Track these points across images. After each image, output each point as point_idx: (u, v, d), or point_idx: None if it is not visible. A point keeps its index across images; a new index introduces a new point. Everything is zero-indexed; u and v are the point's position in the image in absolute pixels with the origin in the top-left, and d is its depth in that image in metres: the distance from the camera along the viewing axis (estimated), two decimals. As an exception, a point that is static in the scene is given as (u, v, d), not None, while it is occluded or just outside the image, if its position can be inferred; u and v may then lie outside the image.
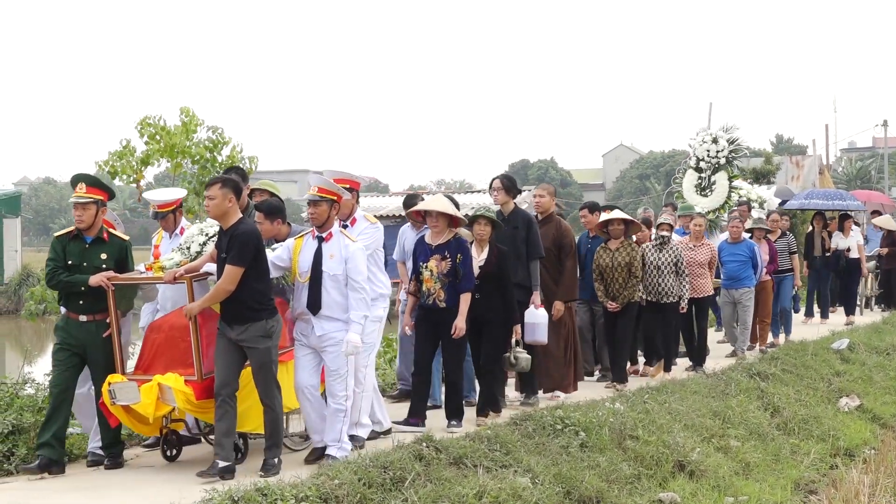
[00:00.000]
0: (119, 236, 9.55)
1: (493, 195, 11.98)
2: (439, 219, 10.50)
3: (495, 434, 9.76)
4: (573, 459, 9.78)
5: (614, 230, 13.07)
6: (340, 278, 9.08)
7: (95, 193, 9.15)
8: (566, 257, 12.22)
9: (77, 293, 9.09)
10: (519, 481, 8.88)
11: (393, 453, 8.74)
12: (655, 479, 10.30)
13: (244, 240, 8.63)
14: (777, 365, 15.54)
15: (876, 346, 18.95)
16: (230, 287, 8.63)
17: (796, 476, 11.61)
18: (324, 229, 9.18)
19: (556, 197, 13.05)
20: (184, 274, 9.08)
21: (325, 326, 9.12)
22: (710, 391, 13.43)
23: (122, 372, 9.11)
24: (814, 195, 25.49)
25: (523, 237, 11.56)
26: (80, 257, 9.12)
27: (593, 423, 10.57)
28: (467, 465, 8.97)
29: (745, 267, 15.67)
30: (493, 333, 10.89)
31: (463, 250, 10.47)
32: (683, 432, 11.49)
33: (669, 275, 13.61)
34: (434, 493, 8.27)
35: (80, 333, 9.13)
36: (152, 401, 8.68)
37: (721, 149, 21.19)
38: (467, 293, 10.42)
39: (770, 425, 13.18)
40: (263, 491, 7.47)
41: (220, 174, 10.76)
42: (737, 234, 15.84)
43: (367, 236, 10.03)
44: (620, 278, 12.88)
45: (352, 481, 7.95)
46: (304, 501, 7.46)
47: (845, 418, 14.44)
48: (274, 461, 8.78)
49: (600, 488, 9.39)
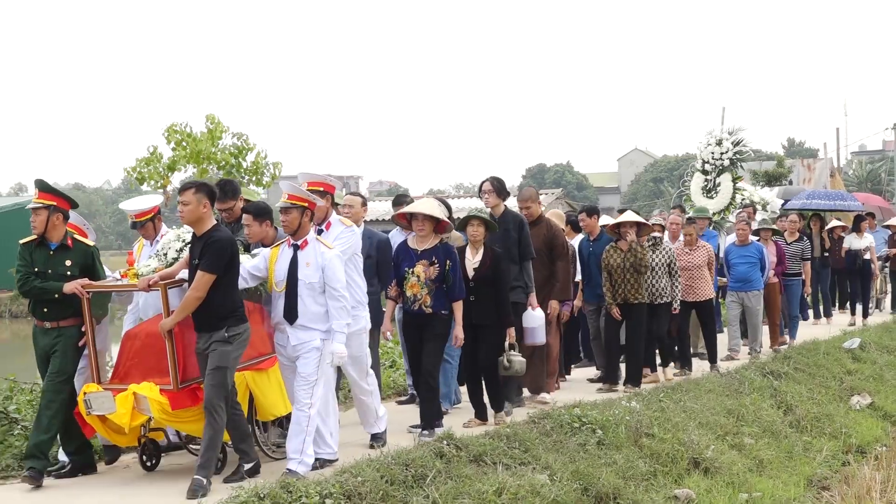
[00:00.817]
0: (84, 242, 9.22)
1: (484, 198, 11.48)
2: (425, 222, 10.04)
3: (514, 432, 9.75)
4: (590, 457, 9.77)
5: (625, 232, 12.86)
6: (317, 286, 8.67)
7: (47, 199, 8.85)
8: (557, 258, 11.87)
9: (42, 300, 8.86)
10: (537, 478, 8.88)
11: (414, 451, 8.76)
12: (671, 476, 10.29)
13: (219, 247, 8.26)
14: (790, 364, 15.46)
15: (886, 345, 18.86)
16: (201, 294, 8.24)
17: (809, 473, 11.58)
18: (298, 237, 8.78)
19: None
20: (158, 281, 8.64)
21: (300, 336, 8.74)
22: (724, 390, 13.38)
23: (97, 381, 8.80)
24: (815, 195, 25.30)
25: (515, 239, 11.15)
26: (45, 264, 8.85)
27: (610, 422, 10.56)
28: (487, 463, 8.96)
29: (755, 269, 15.43)
30: (490, 337, 10.54)
31: (451, 257, 10.02)
32: (698, 430, 11.46)
33: (663, 275, 13.36)
34: (455, 489, 8.27)
35: (45, 340, 8.89)
36: (128, 410, 8.33)
37: (725, 150, 21.15)
38: (459, 301, 10.05)
39: (783, 423, 13.14)
40: (289, 488, 7.45)
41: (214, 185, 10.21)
42: (744, 236, 15.62)
43: (343, 240, 9.45)
44: (632, 279, 12.69)
45: (374, 478, 7.96)
46: (328, 498, 7.45)
47: (857, 416, 14.38)
48: (202, 482, 8.14)
49: (617, 485, 9.37)
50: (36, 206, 8.81)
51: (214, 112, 19.86)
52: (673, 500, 9.75)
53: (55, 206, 8.83)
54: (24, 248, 8.89)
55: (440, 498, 8.06)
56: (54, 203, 8.84)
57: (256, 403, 8.99)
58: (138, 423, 8.50)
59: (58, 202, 8.88)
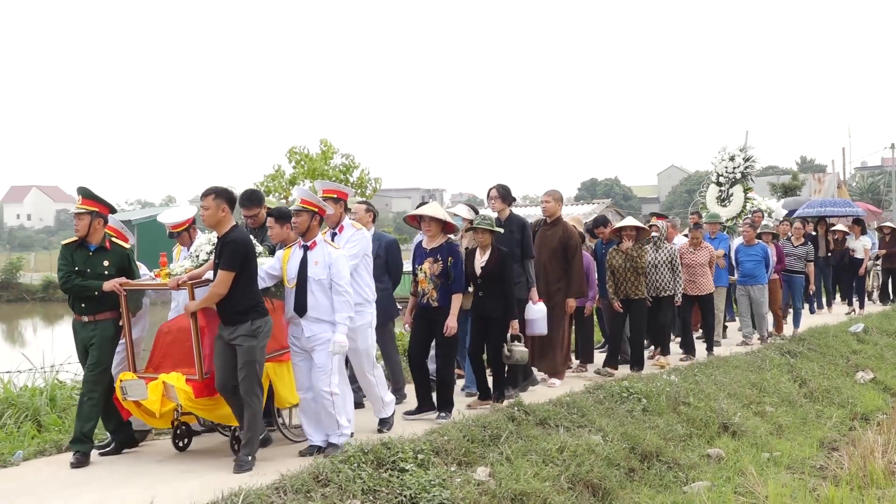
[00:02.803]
0: (121, 245, 8.52)
1: (491, 203, 10.81)
2: (431, 224, 9.40)
3: (573, 400, 9.74)
4: (636, 421, 9.75)
5: (627, 235, 12.28)
6: (325, 283, 8.02)
7: (90, 205, 8.16)
8: (572, 257, 11.14)
9: (80, 297, 8.19)
10: (592, 439, 8.88)
11: (490, 415, 8.78)
12: (704, 437, 10.25)
13: (234, 247, 7.63)
14: (804, 345, 15.32)
15: (886, 329, 18.57)
16: (222, 290, 7.64)
17: (821, 436, 11.45)
18: (307, 238, 8.14)
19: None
20: (186, 280, 8.07)
21: (312, 328, 8.05)
22: (748, 366, 13.28)
23: (133, 370, 8.20)
24: (825, 203, 24.75)
25: (518, 240, 10.47)
26: (85, 264, 8.17)
27: (653, 392, 10.53)
28: (550, 426, 8.96)
29: (759, 266, 15.03)
30: (496, 329, 9.80)
31: (454, 254, 9.38)
32: (727, 400, 11.42)
33: (666, 272, 12.70)
34: (524, 447, 8.30)
35: (84, 333, 8.19)
36: (158, 397, 7.83)
37: (737, 165, 20.76)
38: (458, 294, 9.33)
39: (798, 394, 13.04)
40: (388, 445, 7.42)
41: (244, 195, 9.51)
42: (749, 237, 15.23)
43: (353, 243, 8.83)
44: (632, 277, 12.11)
45: (458, 437, 7.99)
46: (420, 453, 7.42)
47: (861, 389, 14.18)
48: (247, 458, 7.64)
49: (659, 445, 9.36)
50: (80, 211, 8.17)
51: (327, 136, 20.20)
52: (706, 458, 9.70)
53: (97, 211, 8.21)
54: (65, 248, 8.27)
55: (512, 454, 8.08)
56: (96, 209, 8.21)
57: (275, 392, 8.40)
58: (168, 409, 7.98)
59: (99, 208, 8.24)
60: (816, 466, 10.04)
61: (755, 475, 9.06)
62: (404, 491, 6.87)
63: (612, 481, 8.30)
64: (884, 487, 9.12)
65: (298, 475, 6.79)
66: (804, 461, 10.16)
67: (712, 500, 8.33)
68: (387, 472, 7.07)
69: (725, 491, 8.68)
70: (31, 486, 7.44)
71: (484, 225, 9.72)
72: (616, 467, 8.58)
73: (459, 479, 7.28)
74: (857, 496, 8.79)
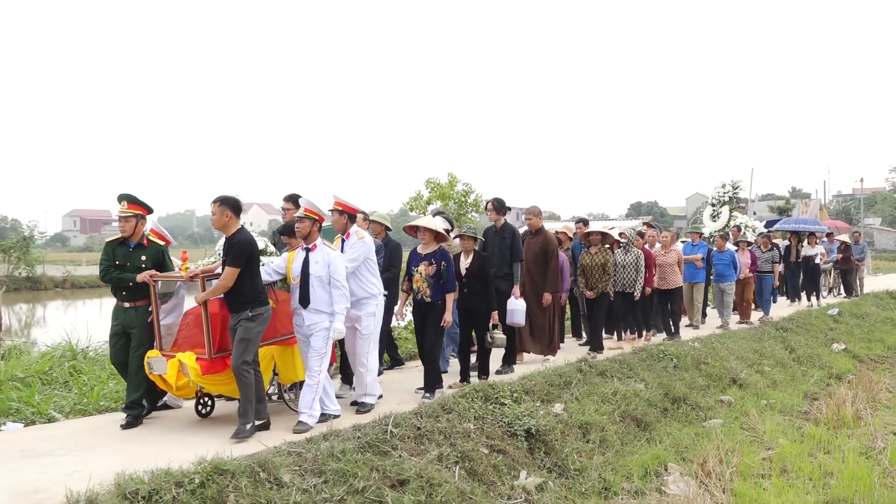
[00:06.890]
0: (156, 243, 7.29)
1: (488, 214, 9.45)
2: (426, 233, 8.09)
3: (624, 358, 9.53)
4: (669, 375, 9.52)
5: (593, 239, 10.79)
6: (324, 279, 6.90)
7: (135, 209, 7.11)
8: (550, 259, 9.61)
9: (123, 287, 7.06)
10: (637, 386, 8.71)
11: (564, 367, 8.66)
12: (718, 388, 9.95)
13: (239, 247, 6.51)
14: (793, 323, 14.67)
15: (855, 313, 17.69)
16: (228, 284, 6.53)
17: (805, 389, 10.99)
18: (309, 241, 7.01)
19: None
20: (198, 274, 6.92)
21: (312, 318, 6.90)
22: (752, 337, 12.83)
23: (159, 348, 7.02)
24: (798, 221, 23.15)
25: (508, 245, 9.12)
26: (125, 259, 7.07)
27: (681, 354, 10.27)
28: (607, 376, 8.82)
29: (728, 267, 13.83)
30: (482, 319, 8.49)
31: (446, 259, 8.05)
32: (735, 361, 11.08)
33: (632, 271, 11.13)
34: (588, 391, 8.21)
35: (125, 317, 7.04)
36: (174, 372, 6.71)
37: (727, 191, 20.22)
38: (451, 293, 7.99)
39: (789, 359, 12.53)
40: (493, 385, 7.37)
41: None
42: (720, 245, 13.98)
43: (354, 249, 7.49)
44: (597, 274, 10.59)
45: (541, 383, 7.92)
46: (514, 392, 7.37)
47: (836, 356, 13.51)
48: (244, 427, 6.41)
49: (685, 392, 9.16)
50: (126, 215, 7.07)
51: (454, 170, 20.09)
52: (720, 403, 9.44)
53: (140, 214, 7.15)
54: (108, 245, 7.19)
55: (579, 395, 8.02)
56: (140, 212, 7.15)
57: (279, 370, 7.33)
58: (183, 383, 6.75)
59: (142, 212, 7.18)
60: (802, 411, 9.75)
61: (756, 416, 8.90)
62: (503, 418, 6.86)
63: (651, 417, 8.16)
64: (852, 428, 8.88)
65: (430, 405, 6.77)
66: (793, 407, 9.88)
67: (724, 433, 8.15)
68: (491, 404, 7.06)
69: (734, 427, 8.52)
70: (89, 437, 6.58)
71: (470, 233, 8.72)
72: (654, 407, 8.43)
73: (542, 412, 7.24)
74: (832, 433, 8.57)
